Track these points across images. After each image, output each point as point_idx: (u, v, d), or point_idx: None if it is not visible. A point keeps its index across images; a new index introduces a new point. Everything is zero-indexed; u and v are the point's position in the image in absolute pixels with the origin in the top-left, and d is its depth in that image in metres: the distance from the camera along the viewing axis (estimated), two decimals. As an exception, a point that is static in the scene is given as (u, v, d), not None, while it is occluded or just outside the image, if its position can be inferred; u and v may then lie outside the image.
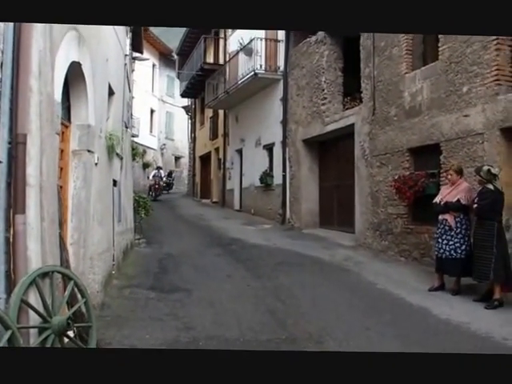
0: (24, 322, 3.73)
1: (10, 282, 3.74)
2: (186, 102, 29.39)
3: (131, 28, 10.73)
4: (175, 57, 27.87)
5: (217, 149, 22.57)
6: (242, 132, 18.88)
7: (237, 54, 17.32)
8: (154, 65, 30.62)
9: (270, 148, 16.41)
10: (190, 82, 23.12)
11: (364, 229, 10.71)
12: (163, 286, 7.58)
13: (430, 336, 5.32)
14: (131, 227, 11.05)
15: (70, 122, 5.62)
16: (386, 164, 9.88)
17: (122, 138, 8.87)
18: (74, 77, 5.43)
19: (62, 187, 5.16)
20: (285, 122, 15.00)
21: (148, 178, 27.18)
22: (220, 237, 12.57)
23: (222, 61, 20.81)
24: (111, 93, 7.86)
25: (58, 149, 4.94)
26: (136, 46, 12.79)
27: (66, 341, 4.15)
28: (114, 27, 7.95)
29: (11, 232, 3.77)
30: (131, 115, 12.83)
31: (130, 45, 10.76)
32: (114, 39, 8.16)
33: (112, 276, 7.61)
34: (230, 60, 18.68)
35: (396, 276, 8.10)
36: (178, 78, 26.80)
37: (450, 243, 6.96)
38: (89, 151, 5.82)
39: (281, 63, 15.41)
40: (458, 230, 6.96)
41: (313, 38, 13.32)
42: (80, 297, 4.53)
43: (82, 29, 5.31)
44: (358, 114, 11.15)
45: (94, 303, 5.30)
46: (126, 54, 9.88)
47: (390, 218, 9.75)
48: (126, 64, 9.82)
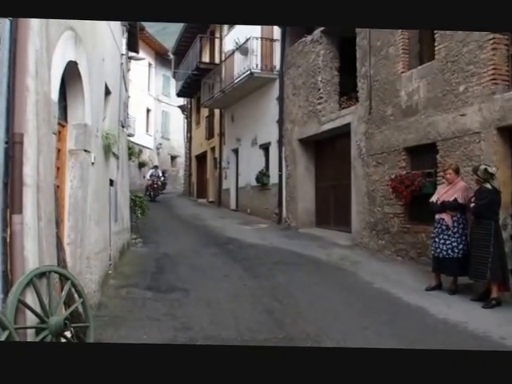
0: (21, 323, 3.71)
1: (7, 282, 3.72)
2: (181, 101, 29.36)
3: (127, 27, 10.70)
4: (171, 56, 27.80)
5: (213, 148, 22.55)
6: (238, 131, 18.86)
7: (233, 53, 17.30)
8: (149, 64, 30.53)
9: (266, 147, 16.40)
10: (185, 82, 23.09)
11: (360, 228, 10.72)
12: (160, 285, 7.56)
13: (427, 335, 5.32)
14: (128, 227, 11.03)
15: (66, 121, 5.60)
16: (383, 163, 9.88)
17: (119, 137, 8.85)
18: (70, 76, 5.41)
19: (58, 187, 5.14)
20: (281, 122, 14.99)
21: (144, 177, 27.10)
22: (216, 236, 12.56)
23: (217, 60, 20.80)
24: (108, 92, 7.85)
25: (55, 148, 4.92)
26: (132, 45, 12.75)
27: (64, 341, 4.14)
28: (110, 26, 7.93)
29: (8, 232, 3.75)
30: (127, 115, 12.80)
31: (125, 44, 10.71)
32: (110, 39, 8.13)
33: (109, 276, 7.59)
34: (225, 59, 18.67)
35: (393, 275, 8.11)
36: (174, 77, 26.75)
37: (447, 242, 6.96)
38: (85, 151, 5.80)
39: (277, 62, 15.41)
40: (455, 229, 6.96)
41: (309, 38, 13.31)
42: (77, 297, 4.51)
43: (78, 28, 5.29)
44: (354, 114, 11.16)
45: (91, 303, 5.27)
46: (122, 54, 9.84)
47: (386, 218, 9.76)
48: (122, 63, 9.79)
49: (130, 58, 14.01)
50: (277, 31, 15.24)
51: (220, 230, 13.50)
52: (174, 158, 35.11)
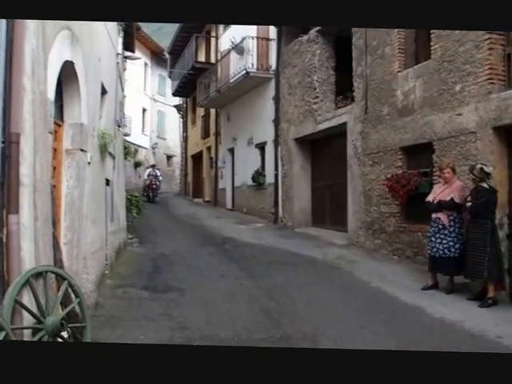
0: (18, 323, 3.70)
1: (4, 283, 3.71)
2: (177, 100, 29.31)
3: (123, 27, 10.68)
4: (167, 56, 27.76)
5: (209, 148, 22.52)
6: (233, 131, 18.84)
7: (228, 52, 17.27)
8: (145, 64, 30.48)
9: (262, 147, 16.40)
10: (181, 81, 23.05)
11: (357, 227, 10.73)
12: (157, 285, 7.56)
13: (424, 334, 5.33)
14: (124, 226, 11.02)
15: (62, 120, 5.59)
16: (379, 163, 9.89)
17: (115, 137, 8.83)
18: (66, 76, 5.40)
19: (55, 186, 5.12)
20: (277, 121, 14.98)
21: (139, 177, 27.01)
22: (213, 236, 12.55)
23: (213, 60, 20.74)
24: (104, 92, 7.82)
25: (51, 148, 4.91)
26: (128, 45, 12.73)
27: (60, 341, 4.12)
28: (107, 26, 7.91)
29: (4, 232, 3.74)
30: (123, 114, 12.77)
31: (121, 44, 10.69)
32: (107, 38, 8.11)
33: (105, 276, 7.58)
34: (221, 59, 18.64)
35: (389, 275, 8.11)
36: (170, 76, 26.71)
37: (444, 242, 6.98)
38: (82, 150, 5.78)
39: (273, 62, 15.40)
40: (452, 228, 6.98)
41: (304, 37, 13.31)
42: (74, 297, 4.50)
43: (74, 28, 5.28)
44: (350, 113, 11.16)
45: (87, 303, 5.26)
46: (118, 53, 9.82)
47: (382, 217, 9.77)
48: (118, 63, 9.77)
49: (126, 58, 13.97)
50: (273, 31, 15.22)
51: (216, 230, 13.49)
52: (169, 157, 35.05)
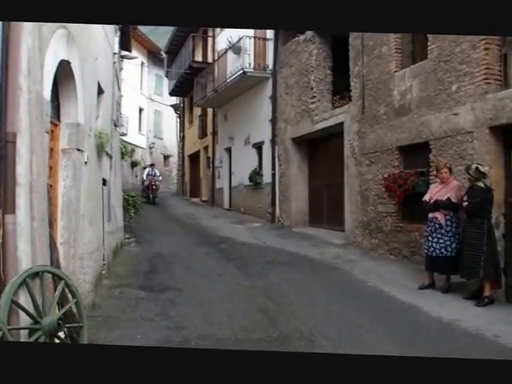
0: (14, 323, 3.68)
1: (0, 283, 3.69)
2: (174, 100, 29.27)
3: (120, 26, 10.66)
4: (164, 55, 27.73)
5: (206, 147, 22.51)
6: (231, 130, 18.84)
7: (225, 52, 17.27)
8: (142, 63, 30.45)
9: (259, 146, 16.39)
10: (178, 81, 23.04)
11: (354, 227, 10.74)
12: (154, 285, 7.55)
13: (421, 334, 5.35)
14: (121, 226, 11.00)
15: (59, 120, 5.57)
16: (376, 162, 9.90)
17: (112, 136, 8.82)
18: (63, 75, 5.38)
19: (51, 186, 5.11)
20: (274, 121, 14.99)
21: (136, 176, 26.94)
22: (210, 236, 12.54)
23: (210, 59, 20.74)
24: (100, 91, 7.81)
25: (48, 147, 4.89)
26: (124, 44, 12.70)
27: (57, 342, 4.12)
28: (103, 25, 7.88)
29: (1, 232, 3.73)
30: (120, 114, 12.75)
31: (118, 43, 10.67)
32: (103, 37, 8.09)
33: (102, 276, 7.57)
34: (218, 58, 18.63)
35: (386, 274, 8.12)
36: (167, 76, 26.69)
37: (441, 241, 6.99)
38: (78, 150, 5.77)
39: (270, 62, 15.40)
40: (448, 228, 6.99)
41: (301, 37, 13.31)
42: (71, 297, 4.48)
43: (71, 27, 5.26)
44: (347, 113, 11.17)
45: (84, 303, 5.25)
46: (114, 53, 9.80)
47: (379, 217, 9.78)
48: (114, 62, 9.75)
49: (123, 57, 13.95)
50: (270, 30, 15.20)
51: (213, 230, 13.48)
52: (166, 157, 35.03)
